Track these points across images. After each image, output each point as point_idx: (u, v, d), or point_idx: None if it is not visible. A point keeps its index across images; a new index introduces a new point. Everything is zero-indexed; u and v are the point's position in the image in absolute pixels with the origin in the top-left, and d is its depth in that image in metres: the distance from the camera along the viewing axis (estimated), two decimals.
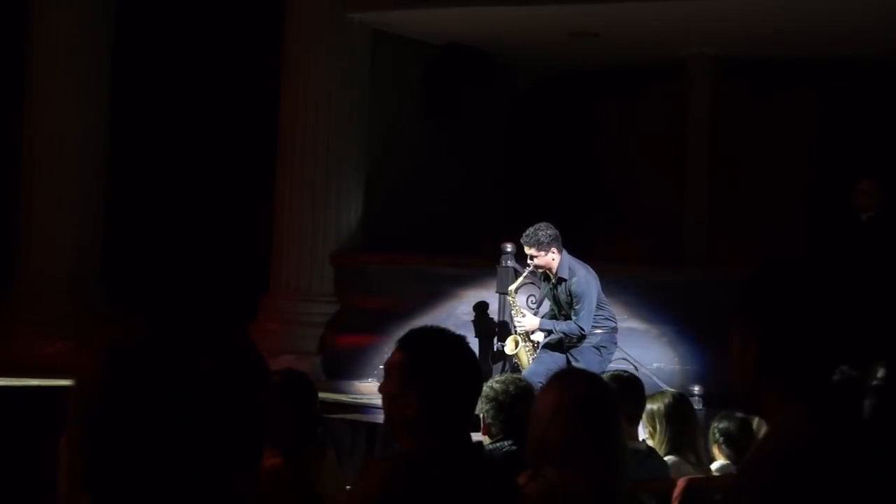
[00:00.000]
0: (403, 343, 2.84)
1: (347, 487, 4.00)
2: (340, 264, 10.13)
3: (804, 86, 11.80)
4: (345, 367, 9.73)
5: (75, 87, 10.35)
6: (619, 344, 8.04)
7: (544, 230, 7.54)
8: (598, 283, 7.63)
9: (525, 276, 7.85)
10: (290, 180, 10.11)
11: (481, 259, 9.12)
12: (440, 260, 9.75)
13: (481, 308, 9.13)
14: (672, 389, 5.85)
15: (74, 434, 1.31)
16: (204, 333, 1.35)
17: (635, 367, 8.09)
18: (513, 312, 7.94)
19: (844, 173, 10.50)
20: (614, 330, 7.77)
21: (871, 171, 9.69)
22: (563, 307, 7.65)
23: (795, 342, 2.08)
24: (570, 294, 7.56)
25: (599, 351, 7.67)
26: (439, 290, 9.56)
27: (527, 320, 7.77)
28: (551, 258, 7.56)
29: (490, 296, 8.84)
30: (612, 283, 8.83)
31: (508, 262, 8.40)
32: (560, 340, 7.68)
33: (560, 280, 7.59)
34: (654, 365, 8.65)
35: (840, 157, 11.51)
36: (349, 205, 10.27)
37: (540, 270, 7.67)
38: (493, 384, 4.23)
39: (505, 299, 8.44)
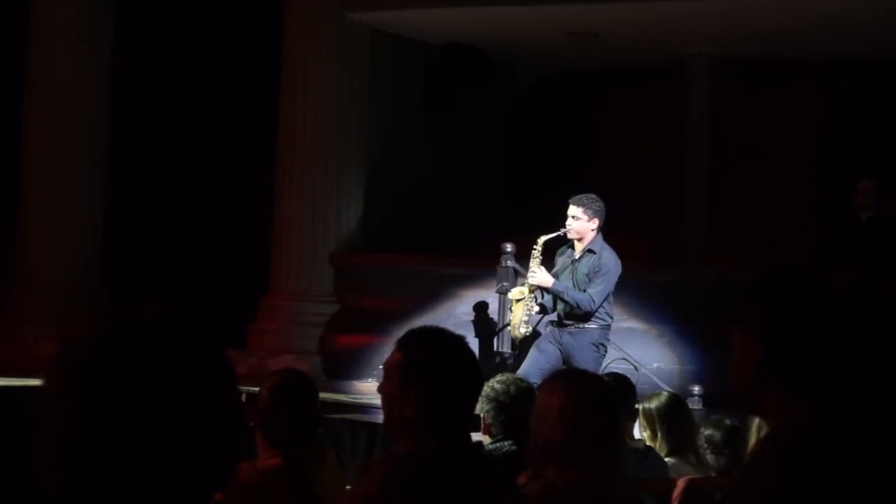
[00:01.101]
0: (403, 343, 2.84)
1: (347, 487, 4.00)
2: (340, 264, 10.13)
3: (804, 86, 11.80)
4: (345, 367, 9.73)
5: (75, 88, 10.34)
6: (619, 344, 8.03)
7: (596, 200, 7.58)
8: (620, 274, 7.60)
9: (558, 233, 7.64)
10: (290, 180, 10.11)
11: (481, 259, 9.11)
12: (440, 260, 9.75)
13: (481, 308, 9.12)
14: (667, 390, 5.85)
15: (46, 434, 1.31)
16: (163, 329, 1.34)
17: (635, 368, 8.09)
18: (531, 264, 7.70)
19: (845, 173, 10.51)
20: (609, 327, 7.70)
21: (872, 170, 9.69)
22: (579, 282, 7.55)
23: (797, 343, 2.08)
24: (593, 269, 7.46)
25: (597, 348, 7.61)
26: (439, 290, 9.56)
27: (541, 274, 7.58)
28: (590, 227, 7.52)
29: (490, 296, 8.83)
30: None
31: (508, 262, 8.38)
32: (553, 333, 7.60)
33: (587, 252, 7.52)
34: (654, 365, 8.64)
35: (840, 157, 11.51)
36: (349, 205, 10.27)
37: (574, 237, 7.56)
38: (493, 384, 4.22)
39: (505, 299, 8.42)
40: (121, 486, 1.28)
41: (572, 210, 7.55)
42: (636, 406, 5.03)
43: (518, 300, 7.77)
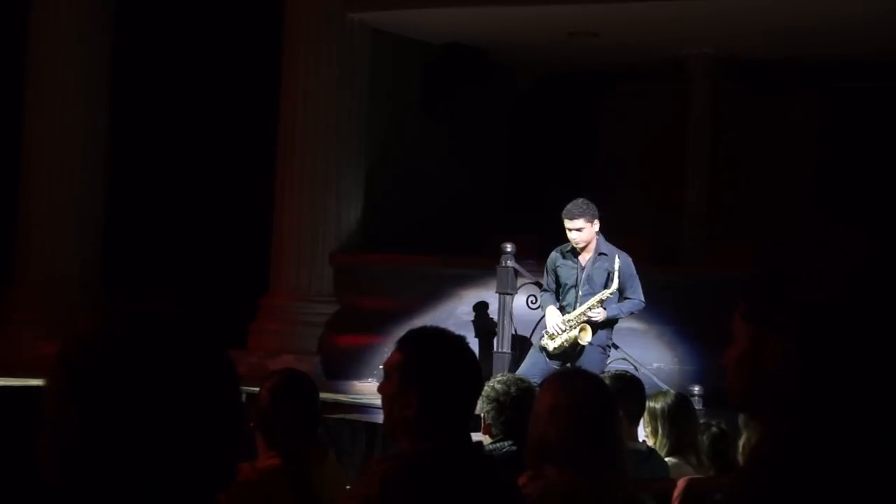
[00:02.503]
0: (403, 343, 2.84)
1: (347, 487, 3.99)
2: (340, 264, 10.13)
3: (804, 86, 11.80)
4: (345, 367, 9.73)
5: (76, 87, 10.34)
6: (619, 344, 8.02)
7: (587, 203, 7.40)
8: None
9: (603, 303, 7.37)
10: (289, 180, 10.11)
11: (481, 259, 9.11)
12: (440, 260, 9.75)
13: (481, 308, 9.12)
14: (673, 390, 5.84)
15: (50, 431, 1.31)
16: (165, 327, 1.34)
17: (635, 367, 8.09)
18: (589, 303, 7.39)
19: (845, 173, 10.52)
20: (612, 328, 7.70)
21: (872, 170, 9.69)
22: (595, 286, 7.40)
23: (834, 351, 2.04)
24: (614, 271, 7.30)
25: (604, 350, 7.57)
26: (439, 290, 9.56)
27: (597, 313, 7.34)
28: (594, 231, 7.40)
29: (490, 296, 8.84)
30: None
31: (508, 262, 8.38)
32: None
33: (599, 255, 7.41)
34: (654, 365, 8.64)
35: (840, 157, 11.52)
36: (349, 205, 10.26)
37: (582, 245, 7.41)
38: (494, 384, 4.22)
39: (505, 299, 8.41)
40: (124, 484, 1.28)
41: (575, 223, 7.35)
42: (644, 406, 5.01)
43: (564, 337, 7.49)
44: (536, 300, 8.11)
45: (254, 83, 10.87)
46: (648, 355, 8.67)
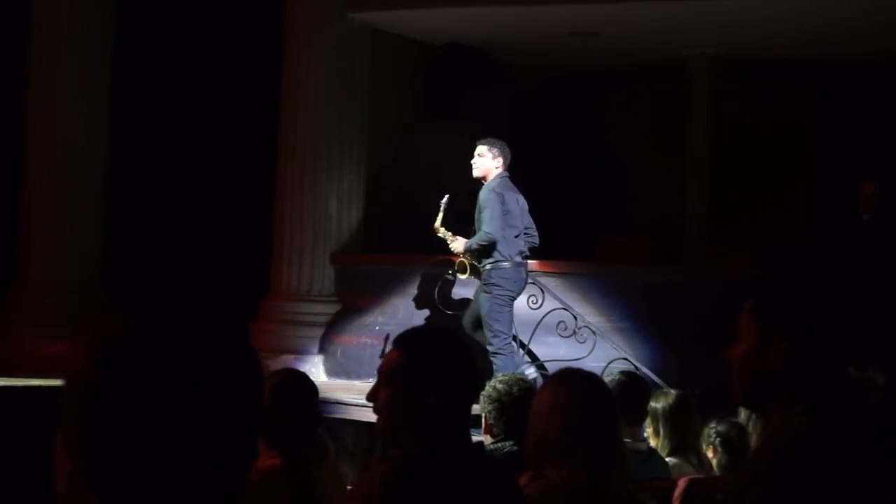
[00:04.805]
0: (403, 344, 2.81)
1: (348, 487, 3.99)
2: (341, 264, 10.12)
3: (804, 86, 11.80)
4: (345, 367, 9.73)
5: (76, 87, 10.33)
6: (619, 344, 8.00)
7: (504, 144, 8.00)
8: (517, 207, 7.88)
9: (442, 207, 8.18)
10: (290, 180, 10.10)
11: None
12: (440, 260, 9.74)
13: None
14: (674, 390, 5.84)
15: (73, 434, 1.29)
16: (196, 328, 1.34)
17: (635, 368, 8.08)
18: (448, 242, 8.19)
19: (845, 173, 10.52)
20: (505, 267, 7.87)
21: (872, 170, 9.69)
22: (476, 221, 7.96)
23: (827, 346, 2.05)
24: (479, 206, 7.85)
25: (489, 289, 7.85)
26: (439, 291, 9.55)
27: (455, 244, 8.11)
28: (494, 166, 7.95)
29: None
30: (613, 283, 8.82)
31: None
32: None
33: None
34: (654, 365, 8.63)
35: (841, 157, 11.52)
36: (349, 205, 10.26)
37: (478, 174, 8.01)
38: (496, 384, 4.22)
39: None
40: (147, 487, 1.27)
41: (478, 150, 8.00)
42: (646, 406, 5.01)
43: (468, 271, 8.17)
44: (537, 300, 8.19)
45: (254, 83, 10.87)
46: (648, 355, 8.66)
